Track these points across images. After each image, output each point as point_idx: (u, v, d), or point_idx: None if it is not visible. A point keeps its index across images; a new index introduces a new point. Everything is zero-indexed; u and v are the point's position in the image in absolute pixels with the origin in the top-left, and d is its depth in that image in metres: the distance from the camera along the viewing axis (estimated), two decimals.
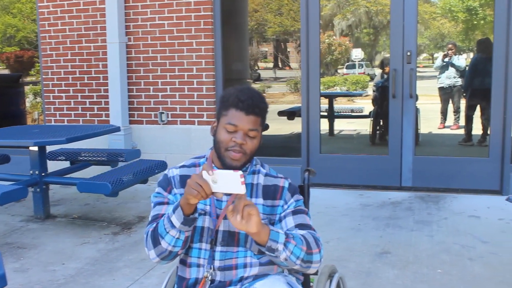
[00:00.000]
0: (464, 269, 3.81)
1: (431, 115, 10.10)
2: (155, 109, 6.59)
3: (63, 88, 6.90)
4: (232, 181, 1.76)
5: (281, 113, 8.94)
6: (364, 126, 9.13)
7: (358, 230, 4.74)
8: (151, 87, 6.57)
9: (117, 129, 5.80)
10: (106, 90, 6.66)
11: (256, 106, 2.00)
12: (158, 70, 6.51)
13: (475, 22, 13.69)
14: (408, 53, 5.74)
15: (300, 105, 6.27)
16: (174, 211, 1.88)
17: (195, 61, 6.35)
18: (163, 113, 6.52)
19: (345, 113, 11.12)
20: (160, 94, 6.54)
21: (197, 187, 1.77)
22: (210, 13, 6.24)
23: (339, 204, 5.51)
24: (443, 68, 9.25)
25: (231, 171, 1.78)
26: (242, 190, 1.76)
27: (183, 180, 2.08)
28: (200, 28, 6.29)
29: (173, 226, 1.88)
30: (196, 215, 1.91)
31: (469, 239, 4.39)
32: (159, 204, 2.07)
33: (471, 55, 12.61)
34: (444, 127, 9.82)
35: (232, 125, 1.97)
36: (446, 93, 9.52)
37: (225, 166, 2.00)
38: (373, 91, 8.90)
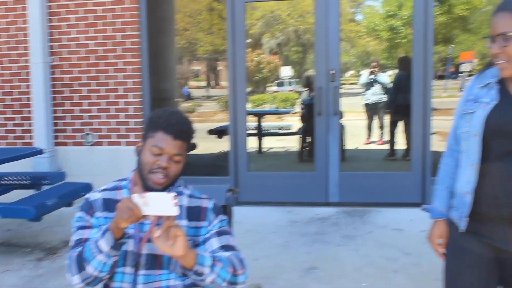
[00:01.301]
0: (389, 282, 3.92)
1: (357, 131, 10.35)
2: (81, 130, 6.47)
3: None
4: (164, 203, 1.75)
5: (210, 132, 8.97)
6: (293, 143, 9.27)
7: (286, 247, 4.80)
8: (77, 108, 6.45)
9: (39, 152, 5.65)
10: (30, 112, 6.49)
11: (184, 131, 2.01)
12: (83, 90, 6.40)
13: (398, 41, 14.23)
14: (332, 72, 5.89)
15: (229, 123, 6.31)
16: (102, 235, 1.86)
17: (122, 81, 6.29)
18: (89, 134, 6.42)
19: (274, 131, 11.25)
20: (86, 115, 6.43)
21: (127, 211, 1.76)
22: (136, 32, 6.21)
23: (268, 222, 5.56)
24: (369, 85, 9.54)
25: (163, 193, 1.78)
26: (174, 211, 1.75)
27: (106, 203, 2.06)
28: (127, 48, 6.24)
29: (100, 251, 1.85)
30: (125, 239, 1.90)
31: (393, 252, 4.52)
32: (82, 228, 2.04)
33: (396, 71, 13.14)
34: (370, 142, 10.10)
35: (158, 148, 1.97)
36: (371, 109, 9.80)
37: (147, 188, 1.99)
38: (301, 108, 9.07)
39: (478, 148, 1.96)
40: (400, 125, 8.30)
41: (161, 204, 1.76)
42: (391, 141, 8.60)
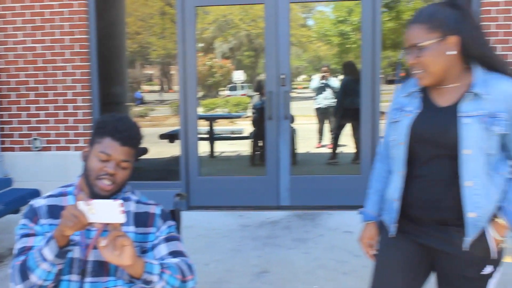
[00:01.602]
0: (339, 284, 3.97)
1: (309, 135, 10.43)
2: (28, 135, 6.33)
3: None
4: (110, 211, 1.74)
5: (162, 136, 8.90)
6: (245, 147, 9.29)
7: (237, 251, 4.80)
8: (24, 113, 6.31)
9: None
10: None
11: (132, 138, 2.00)
12: (31, 95, 6.27)
13: (348, 46, 14.45)
14: (283, 76, 5.94)
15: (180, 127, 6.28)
16: (46, 243, 1.82)
17: (70, 85, 6.19)
18: (37, 139, 6.28)
19: (225, 135, 11.25)
20: (33, 119, 6.30)
21: (73, 218, 1.74)
22: (85, 36, 6.13)
23: (219, 226, 5.56)
24: (320, 89, 9.63)
25: (110, 201, 1.76)
26: (121, 219, 1.74)
27: (51, 210, 2.03)
28: (75, 51, 6.15)
29: (44, 259, 1.82)
30: (70, 247, 1.87)
31: (343, 254, 4.58)
32: (25, 236, 2.00)
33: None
34: (321, 146, 10.21)
35: (105, 154, 1.96)
36: (322, 113, 9.90)
37: (93, 194, 1.97)
38: (252, 113, 9.10)
39: (404, 156, 2.07)
40: (349, 129, 8.43)
41: (107, 211, 1.74)
42: (335, 145, 8.73)
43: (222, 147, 10.29)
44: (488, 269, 2.00)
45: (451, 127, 1.95)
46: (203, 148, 6.36)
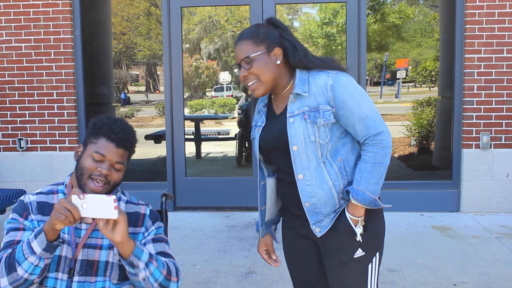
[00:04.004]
0: None
1: None
2: (13, 135, 6.29)
3: None
4: (104, 206, 1.74)
5: (147, 137, 8.87)
6: (231, 148, 9.28)
7: (224, 251, 4.81)
8: (8, 112, 6.27)
9: None
10: None
11: (127, 140, 2.02)
12: (15, 94, 6.23)
13: (333, 48, 14.48)
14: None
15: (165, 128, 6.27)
16: (36, 236, 1.82)
17: (56, 85, 6.16)
18: (22, 139, 6.24)
19: (211, 136, 11.23)
20: (18, 119, 6.26)
21: (65, 212, 1.74)
22: (70, 36, 6.10)
23: (206, 227, 5.56)
24: None
25: (104, 196, 1.76)
26: (115, 214, 1.75)
27: (41, 206, 2.03)
28: (60, 51, 6.12)
29: (33, 252, 1.81)
30: (60, 241, 1.86)
31: None
32: (14, 230, 1.99)
33: None
34: None
35: (100, 154, 1.97)
36: None
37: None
38: (238, 113, 9.10)
39: (258, 167, 2.33)
40: None
41: (100, 207, 1.75)
42: None
43: (209, 148, 10.28)
44: (359, 252, 2.13)
45: (283, 130, 2.13)
46: (190, 149, 6.35)
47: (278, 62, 2.15)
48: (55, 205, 1.77)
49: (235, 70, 2.22)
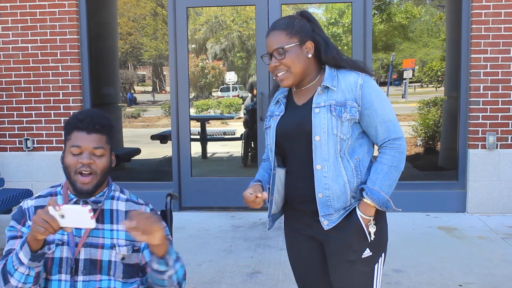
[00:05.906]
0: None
1: None
2: (19, 135, 6.32)
3: None
4: (80, 216, 1.75)
5: (153, 137, 8.87)
6: (237, 148, 9.27)
7: (230, 251, 4.81)
8: (15, 113, 6.30)
9: None
10: None
11: (96, 123, 2.00)
12: (22, 94, 6.26)
13: (340, 48, 14.49)
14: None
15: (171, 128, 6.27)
16: (21, 247, 1.82)
17: (62, 85, 6.18)
18: (28, 139, 6.27)
19: (217, 136, 11.22)
20: (24, 119, 6.28)
21: (43, 224, 1.74)
22: (76, 36, 6.12)
23: (211, 227, 5.56)
24: None
25: (79, 206, 1.77)
26: (92, 224, 1.76)
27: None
28: (66, 51, 6.14)
29: (21, 263, 1.82)
30: (46, 249, 1.86)
31: None
32: (13, 238, 2.00)
33: None
34: None
35: (76, 146, 1.97)
36: None
37: (76, 191, 1.98)
38: (244, 113, 9.09)
39: (273, 157, 2.30)
40: None
41: (77, 216, 1.76)
42: None
43: (214, 148, 10.27)
44: (367, 253, 2.15)
45: (306, 119, 2.17)
46: (195, 149, 6.36)
47: (310, 55, 2.20)
48: (33, 217, 1.78)
49: (264, 59, 2.25)
